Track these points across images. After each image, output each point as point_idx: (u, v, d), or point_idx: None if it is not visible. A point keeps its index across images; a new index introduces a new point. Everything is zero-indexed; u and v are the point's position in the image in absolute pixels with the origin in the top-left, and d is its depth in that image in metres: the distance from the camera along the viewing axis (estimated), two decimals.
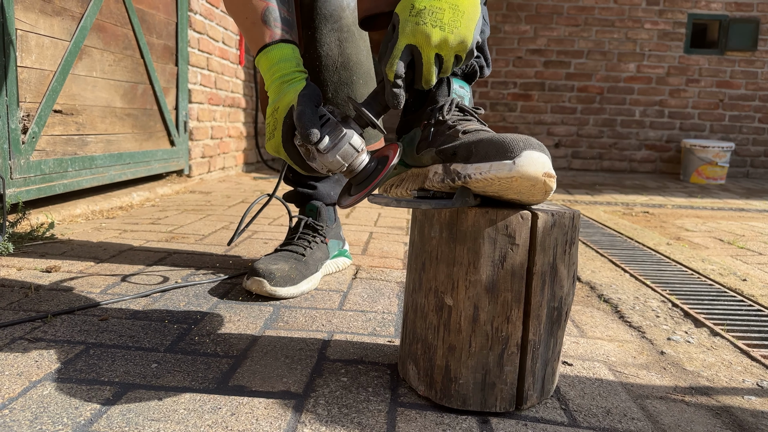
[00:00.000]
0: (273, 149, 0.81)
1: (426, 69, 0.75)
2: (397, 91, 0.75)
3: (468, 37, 0.74)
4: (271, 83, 0.82)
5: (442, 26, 0.72)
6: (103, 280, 1.21)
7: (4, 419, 0.66)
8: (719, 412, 0.78)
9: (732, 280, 1.52)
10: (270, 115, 0.82)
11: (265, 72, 0.83)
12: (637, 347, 1.01)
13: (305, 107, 0.75)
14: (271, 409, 0.72)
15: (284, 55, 0.83)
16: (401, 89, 0.75)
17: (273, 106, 0.81)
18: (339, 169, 0.77)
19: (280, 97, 0.80)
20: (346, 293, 1.21)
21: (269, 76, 0.82)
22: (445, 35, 0.73)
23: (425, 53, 0.73)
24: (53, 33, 1.83)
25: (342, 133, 0.75)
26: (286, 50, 0.83)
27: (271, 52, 0.83)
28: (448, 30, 0.73)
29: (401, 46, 0.74)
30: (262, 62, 0.84)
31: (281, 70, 0.82)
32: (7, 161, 1.63)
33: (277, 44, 0.83)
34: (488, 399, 0.72)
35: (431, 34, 0.72)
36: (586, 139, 5.54)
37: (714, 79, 5.40)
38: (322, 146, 0.75)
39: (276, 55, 0.82)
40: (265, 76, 0.83)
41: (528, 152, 0.65)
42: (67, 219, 1.85)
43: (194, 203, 2.34)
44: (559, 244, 0.71)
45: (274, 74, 0.81)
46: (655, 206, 3.13)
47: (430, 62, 0.74)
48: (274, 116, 0.81)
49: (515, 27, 5.43)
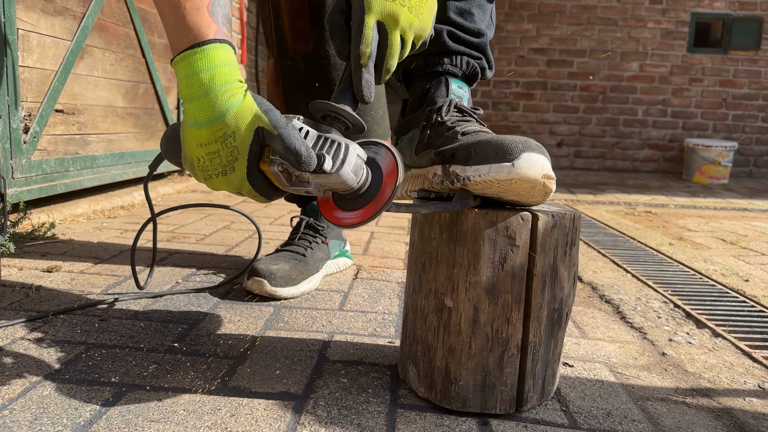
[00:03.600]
0: (232, 186, 0.65)
1: (391, 51, 0.67)
2: (370, 79, 0.67)
3: (428, 25, 0.71)
4: (206, 92, 0.63)
5: (410, 7, 0.67)
6: (104, 280, 1.21)
7: (4, 420, 0.66)
8: (720, 413, 0.78)
9: (734, 280, 1.52)
10: (213, 142, 0.62)
11: (196, 74, 0.63)
12: (639, 348, 1.01)
13: (286, 129, 0.61)
14: (271, 410, 0.71)
15: (229, 58, 0.65)
16: (372, 77, 0.67)
17: (218, 131, 0.62)
18: (347, 188, 0.66)
19: (223, 116, 0.62)
20: (347, 294, 1.21)
21: (202, 81, 0.63)
22: (411, 18, 0.68)
23: (392, 33, 0.66)
24: (55, 32, 1.83)
25: (342, 146, 0.64)
26: (230, 53, 0.66)
27: (215, 51, 0.64)
28: (415, 13, 0.68)
29: (371, 22, 0.65)
30: (195, 62, 0.64)
31: (223, 75, 0.64)
32: (8, 161, 1.63)
33: (222, 43, 0.65)
34: (488, 401, 0.72)
35: (399, 13, 0.66)
36: (588, 139, 5.53)
37: (717, 79, 5.39)
38: (328, 167, 0.62)
39: (220, 57, 0.64)
40: (190, 81, 0.63)
41: (527, 154, 0.64)
42: (69, 219, 1.85)
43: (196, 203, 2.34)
44: (559, 245, 0.71)
45: (214, 79, 0.63)
46: (657, 206, 3.12)
47: (396, 44, 0.67)
48: (227, 144, 0.62)
49: (518, 26, 5.42)
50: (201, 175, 0.65)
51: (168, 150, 0.70)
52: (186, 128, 0.64)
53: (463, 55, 0.88)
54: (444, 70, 0.87)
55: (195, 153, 0.64)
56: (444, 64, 0.88)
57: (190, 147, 0.64)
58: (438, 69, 0.88)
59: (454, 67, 0.88)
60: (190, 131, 0.64)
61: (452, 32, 0.88)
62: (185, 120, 0.65)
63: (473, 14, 0.89)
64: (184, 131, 0.65)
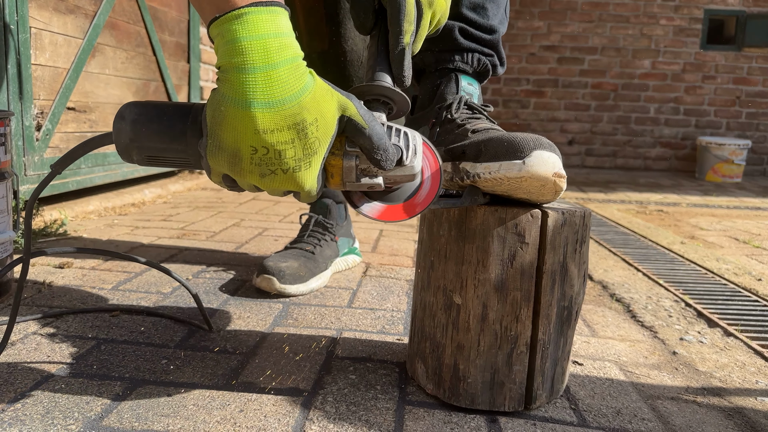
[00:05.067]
0: (296, 186, 0.53)
1: (421, 32, 0.64)
2: (411, 61, 0.62)
3: (447, 13, 0.70)
4: (275, 63, 0.49)
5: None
6: (114, 276, 1.22)
7: (17, 413, 0.67)
8: (732, 413, 0.77)
9: (747, 279, 1.50)
10: (285, 129, 0.50)
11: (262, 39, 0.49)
12: (649, 347, 1.00)
13: (376, 124, 0.54)
14: (280, 405, 0.72)
15: (291, 29, 0.53)
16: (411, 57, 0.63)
17: (294, 116, 0.50)
18: (412, 180, 0.60)
19: (298, 98, 0.50)
20: (356, 291, 1.21)
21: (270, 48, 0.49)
22: (442, 0, 0.66)
23: (426, 13, 0.63)
24: (67, 31, 1.85)
25: (409, 135, 0.58)
26: (290, 24, 0.53)
27: (283, 16, 0.51)
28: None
29: (412, 1, 0.61)
30: (262, 22, 0.49)
31: (293, 47, 0.51)
32: (21, 158, 1.65)
33: (286, 9, 0.52)
34: (497, 398, 0.72)
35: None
36: (599, 137, 5.49)
37: (731, 76, 5.33)
38: (407, 159, 0.57)
39: (287, 25, 0.52)
40: (254, 44, 0.49)
41: (538, 152, 0.64)
42: (80, 216, 1.86)
43: (206, 200, 2.35)
44: (569, 242, 0.70)
45: (283, 49, 0.50)
46: (669, 204, 3.10)
47: (427, 25, 0.64)
48: (306, 134, 0.51)
49: (528, 23, 5.39)
50: (254, 171, 0.51)
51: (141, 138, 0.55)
52: (237, 108, 0.49)
53: (474, 52, 0.88)
54: (455, 67, 0.87)
55: (251, 141, 0.50)
56: (455, 61, 0.87)
57: (241, 133, 0.50)
58: (448, 66, 0.87)
59: (464, 64, 0.87)
60: (245, 112, 0.49)
61: (464, 29, 0.87)
62: (234, 97, 0.49)
63: (486, 9, 0.88)
64: (230, 111, 0.50)
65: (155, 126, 0.54)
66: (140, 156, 0.56)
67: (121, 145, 0.56)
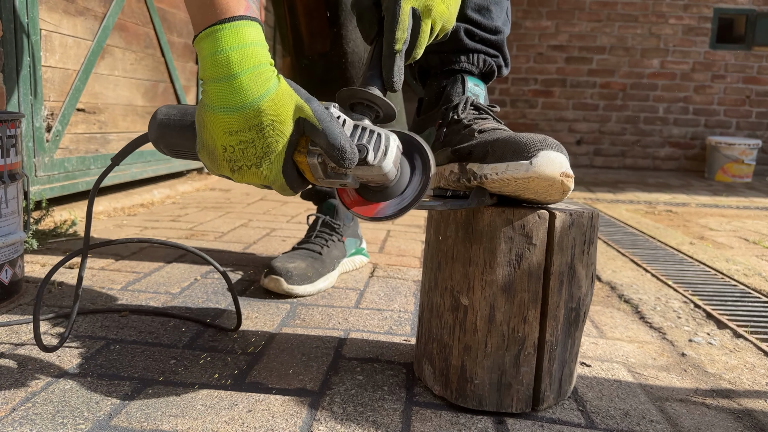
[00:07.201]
0: (263, 179, 0.60)
1: (421, 39, 0.66)
2: (402, 66, 0.64)
3: (454, 17, 0.71)
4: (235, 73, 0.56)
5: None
6: (123, 277, 1.22)
7: (27, 412, 0.67)
8: (741, 415, 0.77)
9: (757, 280, 1.49)
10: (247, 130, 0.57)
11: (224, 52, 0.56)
12: (658, 349, 0.99)
13: (331, 124, 0.57)
14: (287, 406, 0.72)
15: (260, 37, 0.59)
16: (404, 64, 0.65)
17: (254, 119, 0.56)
18: (385, 181, 0.62)
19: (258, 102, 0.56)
20: (363, 291, 1.22)
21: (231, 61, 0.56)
22: (443, 8, 0.67)
23: (425, 21, 0.66)
24: (76, 33, 1.86)
25: (382, 136, 0.60)
26: (261, 33, 0.59)
27: (246, 28, 0.57)
28: (446, 4, 0.68)
29: (407, 8, 0.64)
30: (223, 38, 0.56)
31: (256, 56, 0.57)
32: (31, 159, 1.66)
33: (253, 21, 0.58)
34: (504, 399, 0.72)
35: (434, 3, 0.65)
36: (608, 136, 5.47)
37: (740, 75, 5.28)
38: (371, 159, 0.59)
39: (251, 35, 0.58)
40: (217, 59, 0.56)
41: (545, 152, 0.64)
42: None
43: (214, 201, 2.36)
44: (577, 243, 0.70)
45: (245, 60, 0.56)
46: (678, 205, 3.08)
47: (426, 33, 0.66)
48: (264, 134, 0.57)
49: (536, 23, 5.37)
50: (226, 166, 0.59)
51: (165, 135, 0.64)
52: (210, 112, 0.57)
53: (479, 53, 0.88)
54: (460, 68, 0.87)
55: (221, 141, 0.57)
56: (461, 62, 0.87)
57: (214, 134, 0.57)
58: (454, 67, 0.87)
59: (470, 65, 0.87)
60: (215, 116, 0.57)
61: (469, 30, 0.87)
62: (209, 103, 0.57)
63: (491, 11, 0.89)
64: (206, 115, 0.57)
65: (174, 125, 0.63)
66: (166, 149, 0.66)
67: (152, 139, 0.66)
